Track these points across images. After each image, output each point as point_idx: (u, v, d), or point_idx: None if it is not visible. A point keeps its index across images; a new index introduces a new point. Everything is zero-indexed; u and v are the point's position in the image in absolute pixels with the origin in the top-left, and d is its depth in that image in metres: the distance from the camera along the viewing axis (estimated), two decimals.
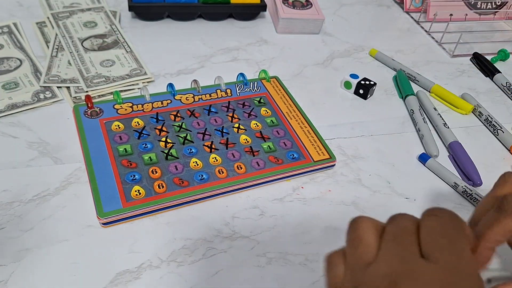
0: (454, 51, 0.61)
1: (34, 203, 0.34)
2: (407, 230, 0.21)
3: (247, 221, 0.36)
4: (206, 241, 0.34)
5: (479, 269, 0.24)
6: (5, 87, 0.43)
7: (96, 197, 0.33)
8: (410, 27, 0.67)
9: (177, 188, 0.35)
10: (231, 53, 0.54)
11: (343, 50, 0.58)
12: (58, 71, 0.45)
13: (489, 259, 0.24)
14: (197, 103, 0.43)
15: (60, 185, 0.36)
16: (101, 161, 0.36)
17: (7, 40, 0.48)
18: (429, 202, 0.40)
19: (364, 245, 0.21)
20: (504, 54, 0.61)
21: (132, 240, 0.33)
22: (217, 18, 0.59)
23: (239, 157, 0.39)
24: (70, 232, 0.33)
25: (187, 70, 0.50)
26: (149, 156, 0.37)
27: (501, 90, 0.56)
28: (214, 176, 0.37)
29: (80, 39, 0.50)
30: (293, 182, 0.40)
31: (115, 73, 0.46)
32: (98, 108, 0.40)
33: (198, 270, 0.32)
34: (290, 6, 0.59)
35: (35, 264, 0.30)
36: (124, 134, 0.39)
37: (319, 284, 0.32)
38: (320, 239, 0.35)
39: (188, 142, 0.39)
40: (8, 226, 0.32)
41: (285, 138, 0.42)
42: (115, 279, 0.30)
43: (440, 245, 0.20)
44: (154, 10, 0.56)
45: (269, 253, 0.34)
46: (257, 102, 0.45)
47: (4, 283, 0.29)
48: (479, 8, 0.69)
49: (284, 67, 0.53)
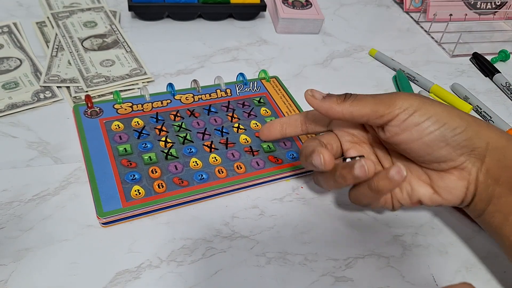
0: (454, 51, 0.61)
1: (33, 203, 0.34)
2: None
3: (246, 221, 0.36)
4: (205, 241, 0.34)
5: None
6: (5, 86, 0.43)
7: (96, 196, 0.33)
8: (409, 27, 0.67)
9: (177, 188, 0.35)
10: (231, 53, 0.54)
11: (343, 50, 0.58)
12: (58, 71, 0.45)
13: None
14: (197, 103, 0.43)
15: (60, 185, 0.36)
16: (101, 160, 0.36)
17: (7, 40, 0.48)
18: None
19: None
20: (505, 55, 0.61)
21: (132, 240, 0.33)
22: (217, 18, 0.59)
23: (239, 156, 0.39)
24: (69, 231, 0.33)
25: (187, 70, 0.50)
26: (149, 156, 0.37)
27: (501, 90, 0.56)
28: (214, 176, 0.37)
29: (80, 39, 0.50)
30: (293, 182, 0.40)
31: (115, 73, 0.46)
32: (98, 108, 0.40)
33: (197, 270, 0.32)
34: (290, 6, 0.59)
35: (34, 264, 0.30)
36: (124, 134, 0.39)
37: (318, 283, 0.32)
38: (320, 239, 0.35)
39: (188, 142, 0.39)
40: (8, 226, 0.32)
41: None
42: (114, 279, 0.30)
43: None
44: (154, 10, 0.56)
45: (268, 252, 0.34)
46: (257, 102, 0.45)
47: (4, 283, 0.29)
48: (479, 8, 0.69)
49: (284, 67, 0.53)
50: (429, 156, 0.31)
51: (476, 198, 0.31)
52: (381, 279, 0.33)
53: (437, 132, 0.30)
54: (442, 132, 0.30)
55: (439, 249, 0.36)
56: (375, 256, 0.35)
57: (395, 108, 0.30)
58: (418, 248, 0.36)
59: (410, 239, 0.37)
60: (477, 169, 0.31)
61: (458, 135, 0.30)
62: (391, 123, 0.30)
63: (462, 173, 0.31)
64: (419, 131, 0.30)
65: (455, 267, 0.35)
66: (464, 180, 0.31)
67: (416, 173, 0.33)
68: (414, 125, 0.30)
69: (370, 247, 0.35)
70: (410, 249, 0.36)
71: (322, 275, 0.33)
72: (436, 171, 0.32)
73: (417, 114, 0.30)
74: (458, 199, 0.32)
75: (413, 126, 0.30)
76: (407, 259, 0.35)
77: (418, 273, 0.34)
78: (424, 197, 0.33)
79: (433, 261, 0.35)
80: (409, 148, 0.31)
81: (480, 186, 0.31)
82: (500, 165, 0.30)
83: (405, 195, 0.33)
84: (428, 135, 0.30)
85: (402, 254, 0.35)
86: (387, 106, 0.30)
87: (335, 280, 0.33)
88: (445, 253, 0.36)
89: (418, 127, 0.30)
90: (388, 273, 0.34)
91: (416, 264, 0.35)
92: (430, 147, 0.30)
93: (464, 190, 0.32)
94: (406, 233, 0.37)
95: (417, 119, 0.30)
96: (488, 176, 0.30)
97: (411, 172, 0.33)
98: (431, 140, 0.30)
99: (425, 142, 0.30)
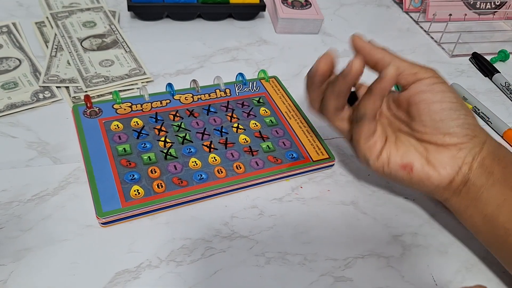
0: (453, 51, 0.61)
1: (33, 203, 0.34)
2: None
3: (246, 220, 0.36)
4: (205, 240, 0.34)
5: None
6: (4, 87, 0.43)
7: (95, 196, 0.33)
8: (409, 27, 0.67)
9: (176, 188, 0.35)
10: (230, 53, 0.54)
11: (343, 50, 0.58)
12: (57, 71, 0.45)
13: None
14: (196, 103, 0.43)
15: (59, 185, 0.36)
16: (100, 160, 0.36)
17: (6, 40, 0.48)
18: (428, 202, 0.40)
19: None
20: (504, 55, 0.61)
21: (131, 240, 0.33)
22: (217, 18, 0.59)
23: (238, 156, 0.39)
24: (69, 232, 0.33)
25: (186, 70, 0.50)
26: (148, 156, 0.37)
27: (500, 90, 0.56)
28: (213, 176, 0.37)
29: (79, 39, 0.50)
30: (292, 182, 0.40)
31: (114, 73, 0.46)
32: (97, 108, 0.40)
33: (197, 270, 0.32)
34: (289, 6, 0.59)
35: (34, 264, 0.30)
36: (123, 134, 0.39)
37: (318, 283, 0.32)
38: (319, 239, 0.35)
39: (187, 142, 0.39)
40: (8, 226, 0.32)
41: (284, 137, 0.42)
42: (114, 279, 0.30)
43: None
44: (154, 10, 0.56)
45: (268, 252, 0.34)
46: (256, 102, 0.45)
47: (4, 283, 0.29)
48: (479, 8, 0.69)
49: (284, 67, 0.53)
50: (441, 123, 0.32)
51: (469, 183, 0.33)
52: (381, 279, 0.33)
53: (456, 105, 0.33)
54: (459, 107, 0.33)
55: (439, 249, 0.36)
56: (375, 256, 0.35)
57: (429, 71, 0.33)
58: (418, 248, 0.36)
59: (410, 239, 0.37)
60: (474, 154, 0.33)
61: (470, 117, 0.33)
62: (422, 81, 0.33)
63: (459, 153, 0.33)
64: (443, 96, 0.33)
65: (455, 267, 0.35)
66: (459, 159, 0.33)
67: (414, 144, 0.34)
68: (441, 91, 0.33)
69: (369, 247, 0.35)
70: (410, 249, 0.36)
71: (321, 275, 0.33)
72: (435, 145, 0.33)
73: (445, 85, 0.33)
74: (448, 176, 0.33)
75: (438, 91, 0.33)
76: (407, 259, 0.35)
77: (417, 273, 0.34)
78: (417, 163, 0.34)
79: (433, 261, 0.35)
80: (427, 109, 0.33)
81: (474, 171, 0.33)
82: (494, 158, 0.33)
83: (400, 152, 0.34)
84: (448, 103, 0.32)
85: (402, 254, 0.35)
86: (423, 68, 0.34)
87: (334, 280, 0.33)
88: (445, 253, 0.36)
89: (443, 94, 0.33)
90: (388, 273, 0.34)
91: (416, 264, 0.35)
92: (446, 113, 0.32)
93: (457, 169, 0.33)
94: (406, 233, 0.37)
95: (444, 88, 0.33)
96: (482, 164, 0.33)
97: (409, 143, 0.35)
98: (449, 108, 0.32)
99: (444, 107, 0.32)
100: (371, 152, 0.35)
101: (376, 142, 0.35)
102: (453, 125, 0.32)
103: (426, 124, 0.33)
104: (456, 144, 0.33)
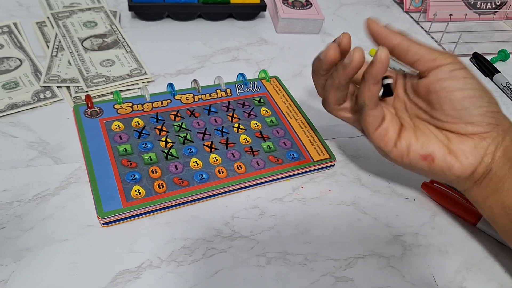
0: (454, 51, 0.61)
1: (34, 203, 0.34)
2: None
3: (247, 221, 0.36)
4: (206, 241, 0.34)
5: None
6: (5, 86, 0.43)
7: (96, 196, 0.33)
8: (410, 27, 0.67)
9: (177, 188, 0.35)
10: (231, 53, 0.54)
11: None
12: (58, 71, 0.45)
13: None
14: (197, 103, 0.43)
15: (60, 185, 0.36)
16: (101, 160, 0.36)
17: (7, 40, 0.48)
18: (429, 202, 0.40)
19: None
20: (504, 55, 0.61)
21: (132, 240, 0.33)
22: (217, 18, 0.59)
23: (239, 156, 0.39)
24: (70, 231, 0.33)
25: (187, 70, 0.50)
26: (149, 156, 0.37)
27: (501, 90, 0.56)
28: (214, 176, 0.37)
29: (80, 39, 0.50)
30: (293, 182, 0.40)
31: (115, 73, 0.46)
32: (98, 108, 0.40)
33: (198, 270, 0.32)
34: (290, 6, 0.59)
35: (35, 264, 0.30)
36: (124, 134, 0.39)
37: (318, 283, 0.32)
38: (320, 239, 0.35)
39: (188, 142, 0.39)
40: (8, 226, 0.32)
41: (285, 137, 0.42)
42: (115, 279, 0.30)
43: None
44: (154, 10, 0.56)
45: (268, 252, 0.34)
46: (257, 102, 0.45)
47: (4, 283, 0.29)
48: (479, 8, 0.69)
49: (284, 67, 0.53)
50: (463, 112, 0.31)
51: (491, 173, 0.31)
52: (381, 279, 0.33)
53: (479, 91, 0.31)
54: (482, 93, 0.31)
55: (439, 249, 0.36)
56: (375, 256, 0.35)
57: (449, 57, 0.31)
58: (418, 248, 0.36)
59: (410, 239, 0.37)
60: (496, 144, 0.31)
61: (493, 104, 0.31)
62: (442, 68, 0.31)
63: (481, 142, 0.31)
64: (465, 83, 0.31)
65: (455, 267, 0.35)
66: (482, 149, 0.31)
67: (434, 132, 0.33)
68: (462, 77, 0.31)
69: (370, 247, 0.35)
70: (410, 249, 0.36)
71: (322, 275, 0.33)
72: (457, 134, 0.32)
73: (466, 70, 0.31)
74: (471, 167, 0.32)
75: (460, 77, 0.31)
76: (407, 259, 0.35)
77: (418, 273, 0.34)
78: (439, 153, 0.32)
79: (433, 261, 0.35)
80: (448, 97, 0.31)
81: (496, 161, 0.31)
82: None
83: (420, 142, 0.33)
84: (470, 90, 0.31)
85: (402, 254, 0.35)
86: (442, 53, 0.31)
87: (335, 280, 0.33)
88: (445, 253, 0.36)
89: (464, 80, 0.31)
90: (388, 273, 0.34)
91: (416, 264, 0.35)
92: (468, 101, 0.31)
93: (479, 160, 0.31)
94: (406, 233, 0.37)
95: (465, 73, 0.31)
96: (505, 154, 0.31)
97: (429, 131, 0.33)
98: (471, 96, 0.31)
99: (466, 95, 0.31)
100: (384, 140, 0.33)
101: (387, 130, 0.33)
102: (476, 114, 0.31)
103: (448, 113, 0.31)
104: (479, 133, 0.31)
